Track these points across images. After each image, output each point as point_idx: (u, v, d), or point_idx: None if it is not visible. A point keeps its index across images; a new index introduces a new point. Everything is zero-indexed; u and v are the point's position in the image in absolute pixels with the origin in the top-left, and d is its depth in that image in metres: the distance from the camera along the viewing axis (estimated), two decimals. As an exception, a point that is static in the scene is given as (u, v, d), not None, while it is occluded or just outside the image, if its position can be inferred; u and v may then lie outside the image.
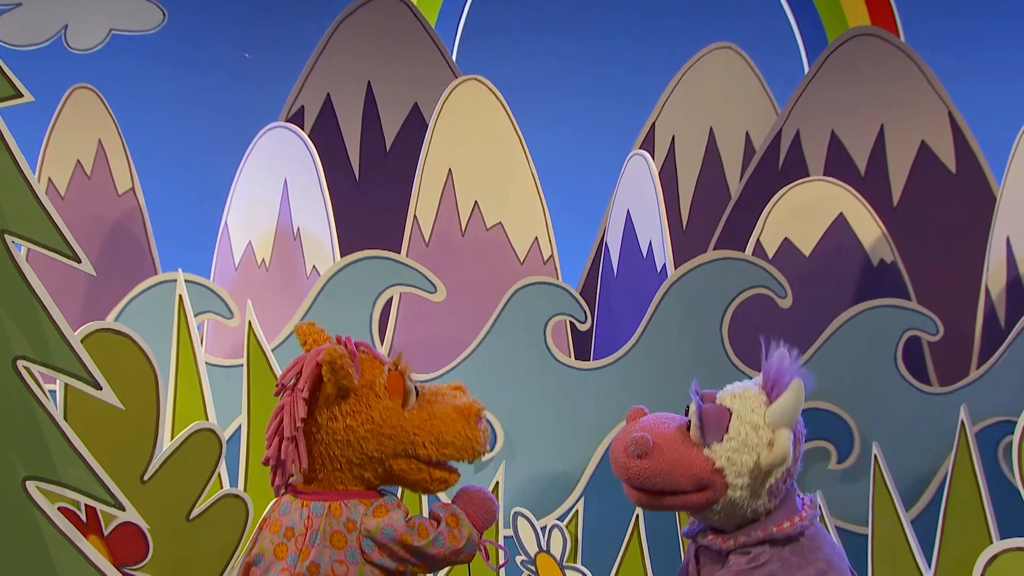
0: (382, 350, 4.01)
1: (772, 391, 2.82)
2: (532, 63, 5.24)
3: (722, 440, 2.79)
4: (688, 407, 2.87)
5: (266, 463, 2.90)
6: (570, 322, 4.30)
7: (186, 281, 3.88)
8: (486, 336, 4.12)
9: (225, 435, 3.43)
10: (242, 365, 3.78)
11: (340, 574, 2.83)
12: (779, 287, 4.08)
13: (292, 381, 2.90)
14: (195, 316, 3.92)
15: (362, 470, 2.88)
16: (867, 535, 3.92)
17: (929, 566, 3.83)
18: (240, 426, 3.78)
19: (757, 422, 2.80)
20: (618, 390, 4.09)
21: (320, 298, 4.08)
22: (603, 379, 4.11)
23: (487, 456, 3.85)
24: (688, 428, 2.84)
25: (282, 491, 2.93)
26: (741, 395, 2.84)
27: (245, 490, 3.65)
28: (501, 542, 3.84)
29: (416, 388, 2.90)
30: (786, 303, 4.07)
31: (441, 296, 4.05)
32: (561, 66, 5.30)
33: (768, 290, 4.08)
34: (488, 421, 2.96)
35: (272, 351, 3.81)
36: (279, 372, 3.70)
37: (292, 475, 2.90)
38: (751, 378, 2.93)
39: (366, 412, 2.85)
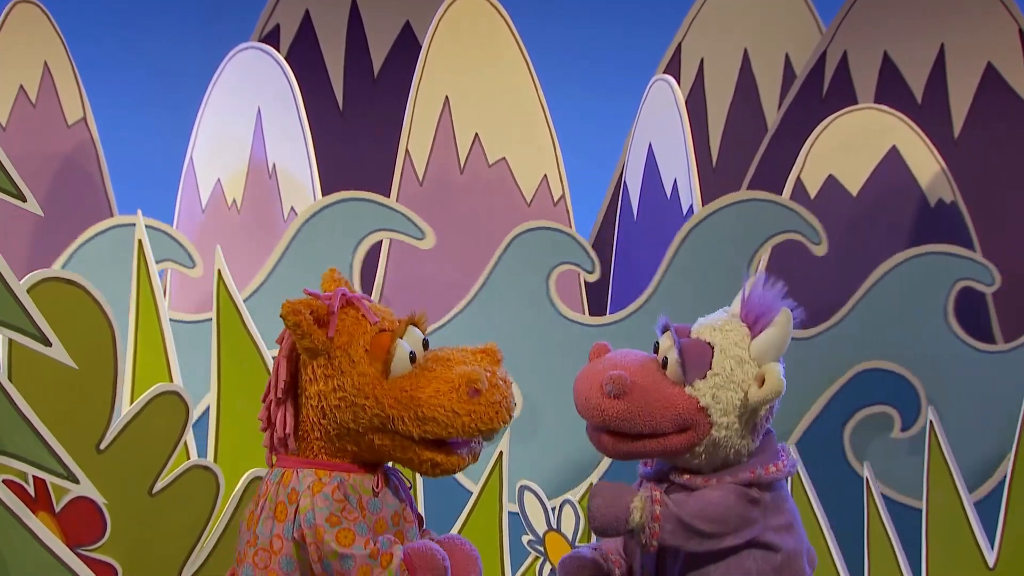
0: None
1: (755, 324, 2.86)
2: (540, -25, 5.23)
3: (705, 377, 2.83)
4: (657, 343, 2.89)
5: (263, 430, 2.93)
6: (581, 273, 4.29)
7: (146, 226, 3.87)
8: (480, 290, 4.11)
9: (192, 398, 3.43)
10: (211, 319, 3.77)
11: (276, 550, 2.81)
12: (812, 232, 4.07)
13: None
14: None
15: (344, 442, 2.85)
16: (921, 510, 3.93)
17: (992, 546, 3.84)
18: (209, 388, 3.78)
19: (742, 356, 2.84)
20: (630, 347, 4.07)
21: (294, 245, 4.08)
22: (613, 336, 4.08)
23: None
24: (663, 366, 2.86)
25: (274, 457, 2.94)
26: (722, 328, 2.87)
27: (215, 461, 3.65)
28: (505, 518, 3.85)
29: (412, 354, 2.84)
30: (821, 250, 4.07)
31: (430, 243, 4.05)
32: (573, -22, 5.29)
33: (800, 235, 4.07)
34: (503, 392, 2.81)
35: (244, 301, 3.80)
36: (252, 327, 3.72)
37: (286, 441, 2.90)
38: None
39: (338, 378, 2.83)
